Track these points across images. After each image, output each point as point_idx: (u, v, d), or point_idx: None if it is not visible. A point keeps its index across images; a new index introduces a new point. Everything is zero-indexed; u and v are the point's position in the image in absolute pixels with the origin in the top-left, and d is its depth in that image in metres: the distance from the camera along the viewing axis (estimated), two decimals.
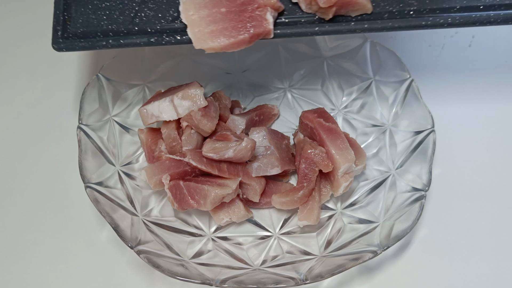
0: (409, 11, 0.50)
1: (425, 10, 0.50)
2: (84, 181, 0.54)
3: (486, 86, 0.71)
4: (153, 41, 0.50)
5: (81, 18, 0.52)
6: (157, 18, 0.51)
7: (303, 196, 0.55)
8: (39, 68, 0.74)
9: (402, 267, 0.57)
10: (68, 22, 0.52)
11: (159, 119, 0.58)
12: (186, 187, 0.53)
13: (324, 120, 0.57)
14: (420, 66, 0.73)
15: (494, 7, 0.49)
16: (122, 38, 0.50)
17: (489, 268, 0.56)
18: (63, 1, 0.52)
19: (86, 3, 0.52)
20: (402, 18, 0.50)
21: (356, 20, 0.50)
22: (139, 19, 0.51)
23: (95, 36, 0.51)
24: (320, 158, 0.55)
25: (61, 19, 0.52)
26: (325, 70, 0.68)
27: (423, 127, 0.59)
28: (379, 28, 0.50)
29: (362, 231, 0.55)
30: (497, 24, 0.49)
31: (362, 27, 0.50)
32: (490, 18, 0.49)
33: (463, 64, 0.74)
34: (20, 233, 0.60)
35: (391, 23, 0.50)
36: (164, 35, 0.50)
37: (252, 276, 0.51)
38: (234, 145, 0.53)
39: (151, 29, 0.51)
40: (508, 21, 0.49)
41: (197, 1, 0.49)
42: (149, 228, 0.55)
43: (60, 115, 0.69)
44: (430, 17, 0.50)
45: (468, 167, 0.64)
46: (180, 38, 0.50)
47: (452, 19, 0.50)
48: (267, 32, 0.49)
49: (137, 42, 0.50)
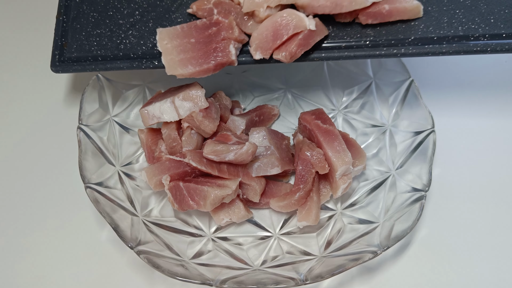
0: (365, 42, 0.54)
1: (381, 41, 0.53)
2: (84, 181, 0.54)
3: (486, 86, 0.71)
4: (134, 65, 0.56)
5: (76, 44, 0.58)
6: (139, 45, 0.57)
7: (299, 199, 0.55)
8: (40, 68, 0.74)
9: (402, 268, 0.57)
10: (65, 47, 0.59)
11: (160, 120, 0.58)
12: (186, 188, 0.53)
13: (321, 122, 0.57)
14: (420, 66, 0.73)
15: (447, 38, 0.52)
16: (108, 62, 0.57)
17: (489, 268, 0.56)
18: (61, 28, 0.60)
19: (80, 30, 0.59)
20: (359, 48, 0.54)
21: (316, 50, 0.55)
22: (124, 46, 0.58)
23: (86, 60, 0.58)
24: (317, 159, 0.55)
25: (59, 44, 0.59)
26: (325, 70, 0.68)
27: (423, 127, 0.59)
28: (336, 57, 0.54)
29: (362, 232, 0.55)
30: (449, 54, 0.52)
31: (320, 55, 0.54)
32: (442, 49, 0.52)
33: (463, 64, 0.74)
34: (20, 233, 0.60)
35: (347, 52, 0.54)
36: (144, 60, 0.56)
37: (252, 276, 0.51)
38: (235, 149, 0.53)
39: (134, 54, 0.57)
40: (459, 53, 0.52)
41: (171, 32, 0.55)
42: (149, 228, 0.55)
43: (60, 115, 0.69)
44: (385, 48, 0.53)
45: (468, 167, 0.64)
46: (157, 63, 0.56)
47: (406, 50, 0.53)
48: (230, 62, 0.54)
49: (121, 66, 0.57)
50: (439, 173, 0.63)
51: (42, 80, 0.73)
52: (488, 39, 0.52)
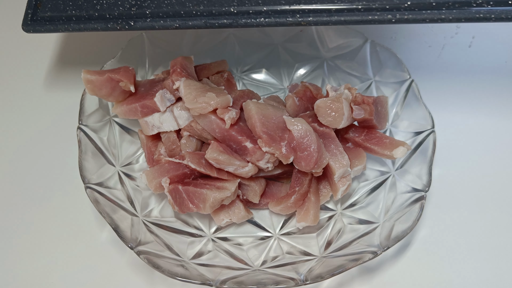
0: (357, 6, 0.50)
1: (375, 5, 0.50)
2: (84, 181, 0.54)
3: (486, 86, 0.71)
4: (109, 26, 0.54)
5: (50, 3, 0.56)
6: (116, 5, 0.55)
7: (295, 201, 0.55)
8: (40, 69, 0.74)
9: (402, 268, 0.57)
10: (39, 7, 0.56)
11: (160, 130, 0.58)
12: (185, 191, 0.53)
13: (318, 124, 0.57)
14: (420, 66, 0.73)
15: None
16: (82, 22, 0.55)
17: (489, 268, 0.56)
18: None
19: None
20: (350, 12, 0.50)
21: (303, 12, 0.51)
22: (100, 6, 0.55)
23: (59, 20, 0.55)
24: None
25: (33, 4, 0.57)
26: (325, 70, 0.68)
27: (423, 127, 0.59)
28: (325, 22, 0.51)
29: (362, 232, 0.54)
30: (449, 22, 0.49)
31: (307, 19, 0.51)
32: (441, 15, 0.49)
33: (463, 64, 0.74)
34: (20, 233, 0.60)
35: (337, 17, 0.50)
36: (119, 21, 0.54)
37: (252, 276, 0.51)
38: (236, 165, 0.53)
39: (110, 15, 0.54)
40: (460, 20, 0.49)
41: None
42: (149, 228, 0.55)
43: (60, 115, 0.69)
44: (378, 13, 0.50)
45: (468, 168, 0.64)
46: (133, 24, 0.53)
47: (401, 15, 0.49)
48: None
49: (95, 27, 0.54)
50: (439, 173, 0.63)
51: (42, 80, 0.73)
52: (492, 5, 0.48)
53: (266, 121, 0.53)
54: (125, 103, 0.58)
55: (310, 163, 0.51)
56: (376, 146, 0.57)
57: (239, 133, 0.53)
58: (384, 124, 0.59)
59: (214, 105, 0.53)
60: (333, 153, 0.54)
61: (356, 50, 0.65)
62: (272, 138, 0.52)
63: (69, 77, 0.73)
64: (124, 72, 0.56)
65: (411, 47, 0.75)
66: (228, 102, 0.54)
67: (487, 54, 0.74)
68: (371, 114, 0.56)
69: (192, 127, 0.56)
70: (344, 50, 0.67)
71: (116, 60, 0.62)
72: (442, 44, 0.75)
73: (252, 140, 0.53)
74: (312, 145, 0.51)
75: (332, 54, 0.67)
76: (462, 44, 0.75)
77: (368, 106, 0.56)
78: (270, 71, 0.71)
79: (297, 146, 0.52)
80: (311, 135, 0.51)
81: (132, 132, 0.64)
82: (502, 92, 0.70)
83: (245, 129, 0.54)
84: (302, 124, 0.52)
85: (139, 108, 0.57)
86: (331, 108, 0.54)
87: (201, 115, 0.54)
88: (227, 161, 0.53)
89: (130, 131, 0.64)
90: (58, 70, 0.75)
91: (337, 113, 0.54)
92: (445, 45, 0.75)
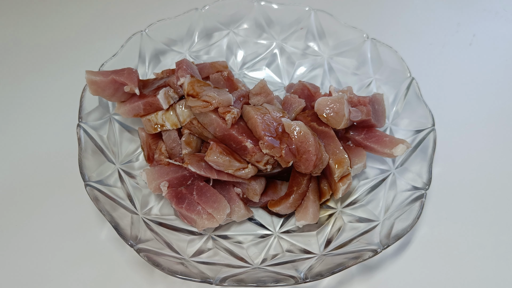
0: None
1: None
2: (84, 179, 0.54)
3: (486, 84, 0.71)
4: None
5: None
6: None
7: (294, 201, 0.55)
8: (39, 66, 0.74)
9: (402, 266, 0.57)
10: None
11: (163, 128, 0.58)
12: (179, 211, 0.54)
13: (317, 123, 0.57)
14: (421, 64, 0.73)
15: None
16: None
17: (489, 266, 0.56)
18: None
19: None
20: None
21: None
22: None
23: None
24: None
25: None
26: (326, 68, 0.68)
27: (424, 125, 0.58)
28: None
29: (362, 230, 0.54)
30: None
31: None
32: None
33: (464, 62, 0.74)
34: (20, 231, 0.60)
35: None
36: None
37: (252, 274, 0.51)
38: (235, 167, 0.53)
39: None
40: None
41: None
42: (149, 226, 0.55)
43: (60, 113, 0.69)
44: None
45: (469, 166, 0.64)
46: None
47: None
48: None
49: None
50: (439, 171, 0.63)
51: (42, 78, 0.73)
52: None
53: (266, 123, 0.53)
54: (127, 102, 0.58)
55: (309, 166, 0.52)
56: (376, 144, 0.57)
57: (239, 132, 0.53)
58: (383, 121, 0.59)
59: (215, 104, 0.53)
60: (332, 152, 0.54)
61: (357, 48, 0.65)
62: (273, 141, 0.52)
63: (69, 74, 0.73)
64: (128, 75, 0.56)
65: (412, 45, 0.75)
66: (230, 101, 0.54)
67: (487, 52, 0.74)
68: (368, 114, 0.56)
69: (193, 125, 0.56)
70: (345, 48, 0.66)
71: (115, 59, 0.62)
72: (443, 42, 0.75)
73: (252, 140, 0.53)
74: (310, 148, 0.51)
75: (333, 52, 0.67)
76: (463, 42, 0.75)
77: (364, 107, 0.56)
78: (270, 70, 0.71)
79: (296, 150, 0.52)
80: (310, 138, 0.51)
81: (132, 130, 0.64)
82: (503, 90, 0.70)
83: (246, 129, 0.54)
84: (301, 128, 0.52)
85: (142, 106, 0.57)
86: (332, 108, 0.54)
87: (202, 113, 0.54)
88: (227, 163, 0.53)
89: (130, 129, 0.64)
90: (58, 68, 0.75)
91: (338, 114, 0.54)
92: (446, 43, 0.75)
